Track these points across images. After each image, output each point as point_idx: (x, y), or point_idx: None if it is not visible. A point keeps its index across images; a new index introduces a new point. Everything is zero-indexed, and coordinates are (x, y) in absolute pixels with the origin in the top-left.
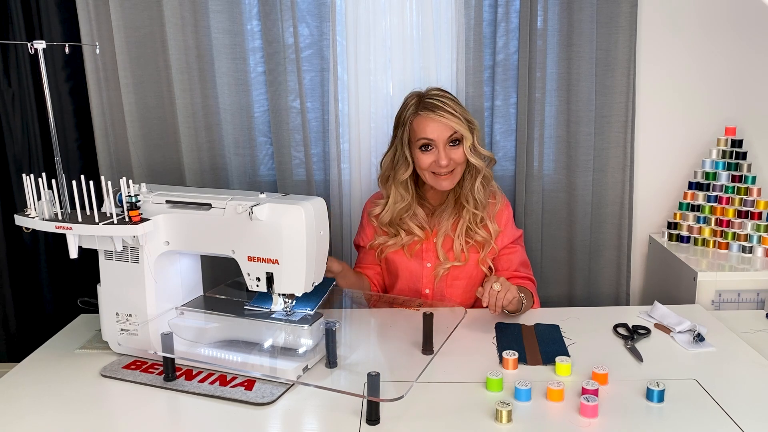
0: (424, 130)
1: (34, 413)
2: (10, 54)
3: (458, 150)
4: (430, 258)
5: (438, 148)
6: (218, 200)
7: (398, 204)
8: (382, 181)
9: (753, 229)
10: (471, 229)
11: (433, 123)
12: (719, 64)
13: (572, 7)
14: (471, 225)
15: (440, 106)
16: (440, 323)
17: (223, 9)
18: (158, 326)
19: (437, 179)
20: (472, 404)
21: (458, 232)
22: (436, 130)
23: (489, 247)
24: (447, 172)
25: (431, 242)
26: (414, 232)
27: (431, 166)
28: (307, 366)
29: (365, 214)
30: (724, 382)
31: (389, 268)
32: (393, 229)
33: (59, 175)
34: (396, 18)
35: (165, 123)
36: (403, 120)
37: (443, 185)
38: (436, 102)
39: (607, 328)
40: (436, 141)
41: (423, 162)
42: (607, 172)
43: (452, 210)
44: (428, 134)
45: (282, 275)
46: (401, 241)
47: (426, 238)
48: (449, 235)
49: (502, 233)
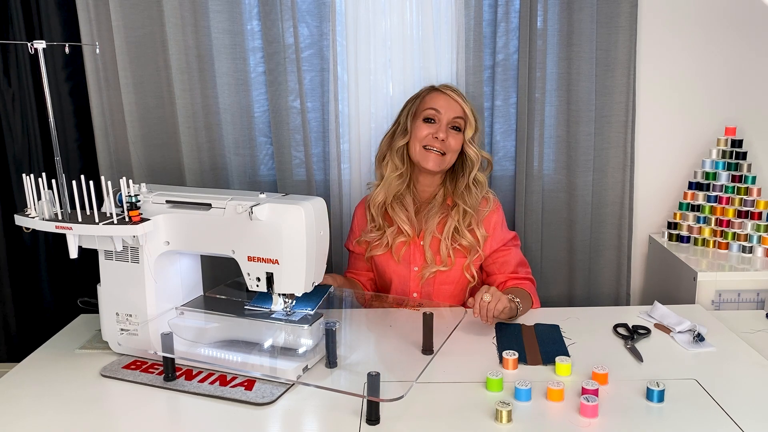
0: (435, 101)
1: (34, 413)
2: (10, 54)
3: (458, 136)
4: (417, 261)
5: (441, 122)
6: (218, 200)
7: (393, 174)
8: (378, 160)
9: (753, 229)
10: (458, 232)
11: (445, 99)
12: (719, 64)
13: (572, 7)
14: (459, 226)
15: (454, 89)
16: (440, 323)
17: (223, 9)
18: (158, 326)
19: (426, 154)
20: (472, 404)
21: (445, 234)
22: (446, 104)
23: (475, 253)
24: (439, 150)
25: (418, 245)
26: (400, 225)
27: (427, 138)
28: (307, 366)
29: (355, 217)
30: (724, 382)
31: (380, 273)
32: (381, 219)
33: (59, 175)
34: (396, 18)
35: (165, 123)
36: (415, 96)
37: (430, 163)
38: (451, 86)
39: (607, 328)
40: (442, 115)
41: (421, 132)
42: (607, 172)
43: (439, 208)
44: (437, 105)
45: (282, 275)
46: (387, 240)
47: (412, 239)
48: (436, 236)
49: (491, 238)
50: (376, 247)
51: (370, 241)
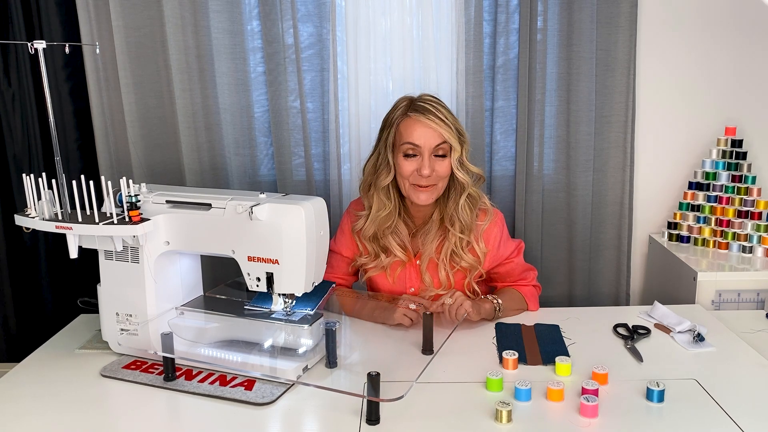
0: (410, 135)
1: (34, 413)
2: (10, 54)
3: (444, 162)
4: (413, 282)
5: (423, 156)
6: (218, 200)
7: (381, 213)
8: (363, 189)
9: (753, 229)
10: (456, 254)
11: (421, 128)
12: (719, 64)
13: (572, 7)
14: (456, 249)
15: (431, 110)
16: (440, 323)
17: (223, 9)
18: (158, 326)
19: (416, 191)
20: (472, 404)
21: (442, 257)
22: (424, 135)
23: (475, 271)
24: (428, 184)
25: (414, 265)
26: (395, 253)
27: (413, 175)
28: (307, 366)
29: (348, 222)
30: (724, 382)
31: (373, 290)
32: (375, 246)
33: (59, 175)
34: (396, 18)
35: (165, 123)
36: (390, 121)
37: (421, 198)
38: (427, 106)
39: (607, 328)
40: (422, 148)
41: (405, 169)
42: (607, 172)
43: (436, 232)
44: (414, 139)
45: (282, 275)
46: (381, 264)
47: (408, 260)
48: (433, 259)
49: (491, 253)
50: (371, 269)
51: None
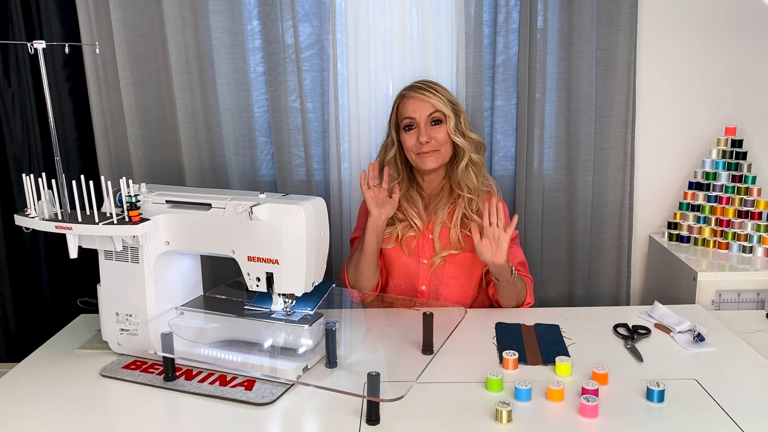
0: (406, 110)
1: (34, 413)
2: (10, 54)
3: (440, 129)
4: (426, 254)
5: (419, 126)
6: (218, 200)
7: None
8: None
9: (753, 229)
10: (467, 218)
11: (414, 102)
12: (719, 64)
13: (572, 7)
14: (467, 212)
15: (423, 87)
16: (440, 323)
17: (223, 9)
18: (158, 326)
19: (421, 158)
20: (472, 404)
21: (454, 221)
22: (417, 108)
23: None
24: (429, 150)
25: (427, 238)
26: (411, 220)
27: (414, 145)
28: (307, 366)
29: (362, 210)
30: (724, 382)
31: (388, 266)
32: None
33: (59, 175)
34: (396, 18)
35: (165, 123)
36: (393, 105)
37: (427, 164)
38: (419, 84)
39: (607, 328)
40: (417, 120)
41: (407, 142)
42: (607, 172)
43: (447, 199)
44: (410, 113)
45: (282, 275)
46: (397, 232)
47: (422, 233)
48: (446, 225)
49: None
50: (386, 241)
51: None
